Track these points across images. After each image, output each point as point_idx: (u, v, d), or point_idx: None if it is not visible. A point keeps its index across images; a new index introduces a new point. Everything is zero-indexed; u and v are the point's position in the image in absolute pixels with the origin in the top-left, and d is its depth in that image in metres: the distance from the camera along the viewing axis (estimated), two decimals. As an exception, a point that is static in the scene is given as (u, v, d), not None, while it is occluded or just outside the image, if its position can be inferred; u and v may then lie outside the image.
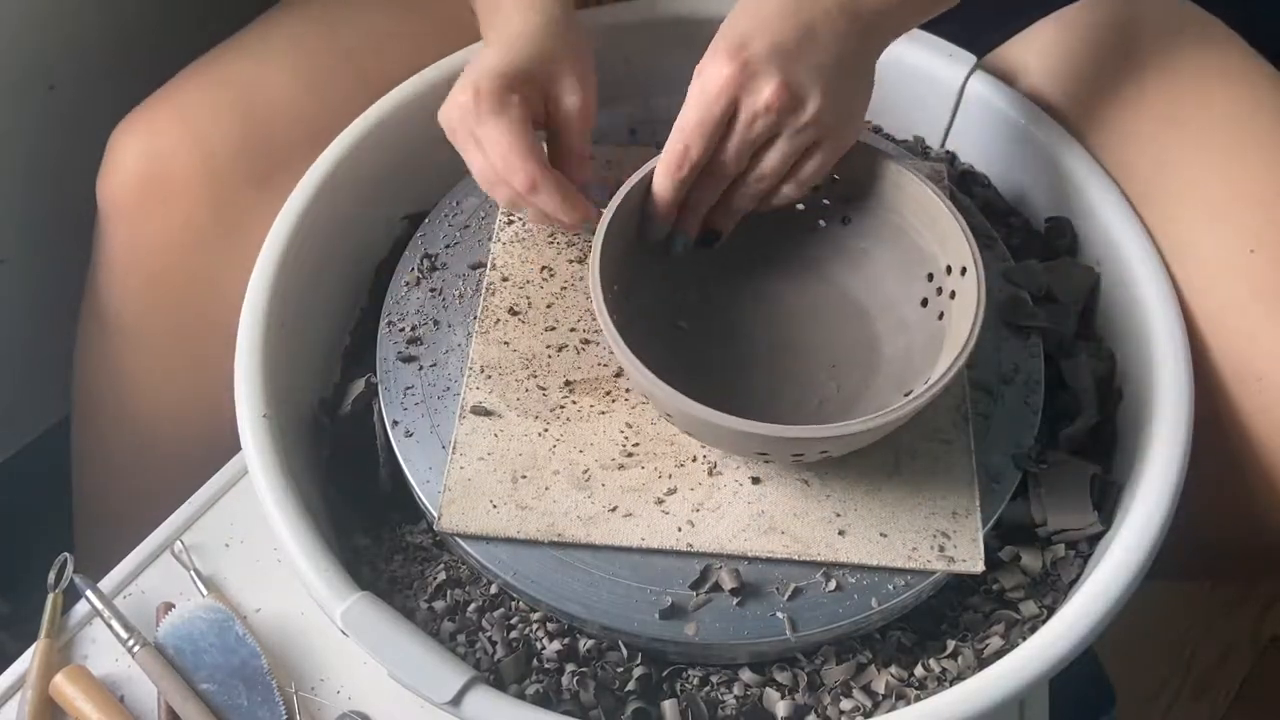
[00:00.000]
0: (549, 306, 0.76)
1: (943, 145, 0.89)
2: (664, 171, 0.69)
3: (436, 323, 0.77)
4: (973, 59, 0.85)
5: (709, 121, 0.67)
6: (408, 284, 0.79)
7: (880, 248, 0.75)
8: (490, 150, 0.70)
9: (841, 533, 0.68)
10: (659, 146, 0.70)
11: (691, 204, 0.71)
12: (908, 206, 0.73)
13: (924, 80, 0.86)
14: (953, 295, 0.70)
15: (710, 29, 0.69)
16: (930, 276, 0.72)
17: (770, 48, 0.67)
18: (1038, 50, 0.87)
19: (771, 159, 0.69)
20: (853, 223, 0.75)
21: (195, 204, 0.82)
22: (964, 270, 0.69)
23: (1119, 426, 0.77)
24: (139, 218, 0.83)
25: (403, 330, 0.76)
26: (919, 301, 0.73)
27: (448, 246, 0.80)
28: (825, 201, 0.75)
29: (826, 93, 0.68)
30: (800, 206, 0.75)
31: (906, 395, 0.66)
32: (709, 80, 0.67)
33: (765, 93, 0.66)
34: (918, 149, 0.89)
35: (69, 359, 0.95)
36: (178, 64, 0.87)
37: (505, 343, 0.75)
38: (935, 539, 0.68)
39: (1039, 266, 0.80)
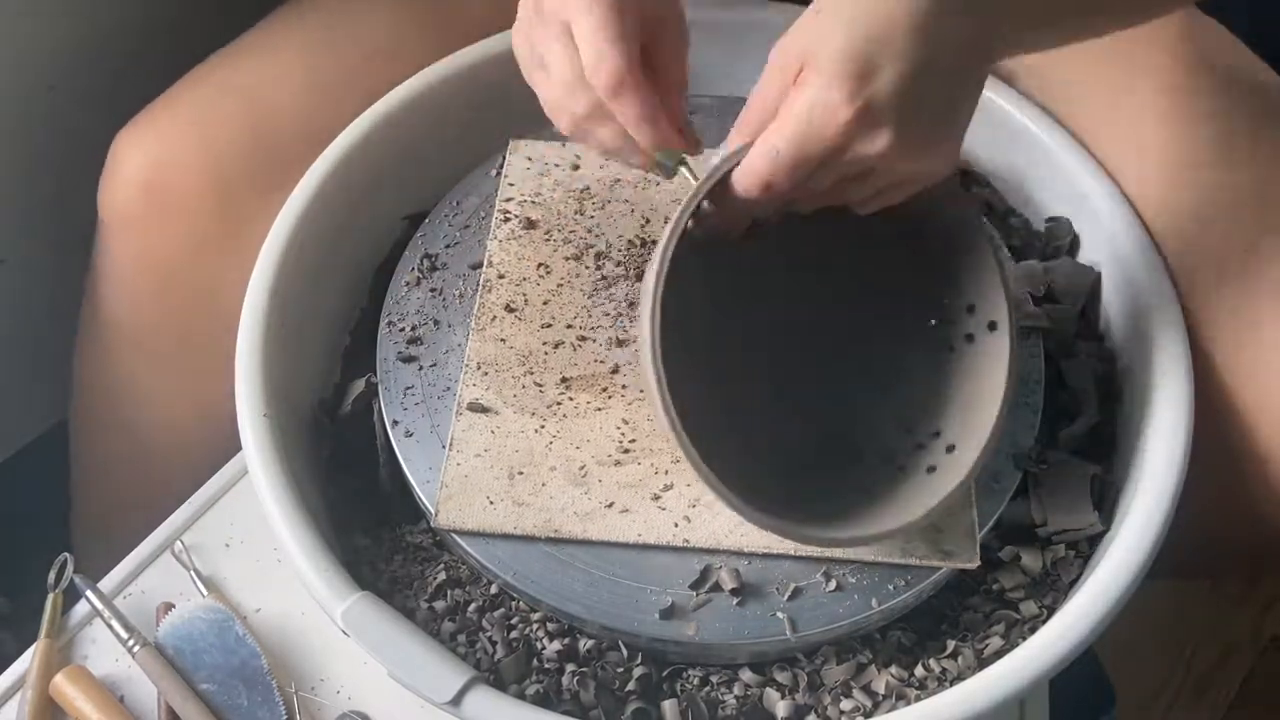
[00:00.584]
0: (545, 303, 0.76)
1: (943, 145, 0.89)
2: (742, 189, 0.61)
3: (436, 323, 0.77)
4: (973, 59, 0.85)
5: (804, 164, 0.58)
6: (408, 284, 0.79)
7: (905, 282, 0.71)
8: (578, 32, 0.61)
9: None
10: None
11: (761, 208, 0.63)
12: (958, 244, 0.68)
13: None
14: (970, 339, 0.68)
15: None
16: (952, 321, 0.69)
17: (897, 89, 0.56)
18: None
19: (859, 194, 0.62)
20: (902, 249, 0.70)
21: (201, 211, 0.82)
22: (993, 325, 0.67)
23: (1119, 426, 0.77)
24: (143, 226, 0.83)
25: (403, 330, 0.76)
26: (946, 347, 0.69)
27: (448, 246, 0.80)
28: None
29: (939, 138, 0.60)
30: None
31: (949, 449, 0.66)
32: (822, 119, 0.57)
33: (879, 145, 0.57)
34: (918, 149, 0.89)
35: (69, 360, 0.95)
36: (180, 65, 0.86)
37: (502, 340, 0.75)
38: (931, 534, 0.68)
39: (1039, 266, 0.80)
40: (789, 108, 0.58)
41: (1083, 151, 0.81)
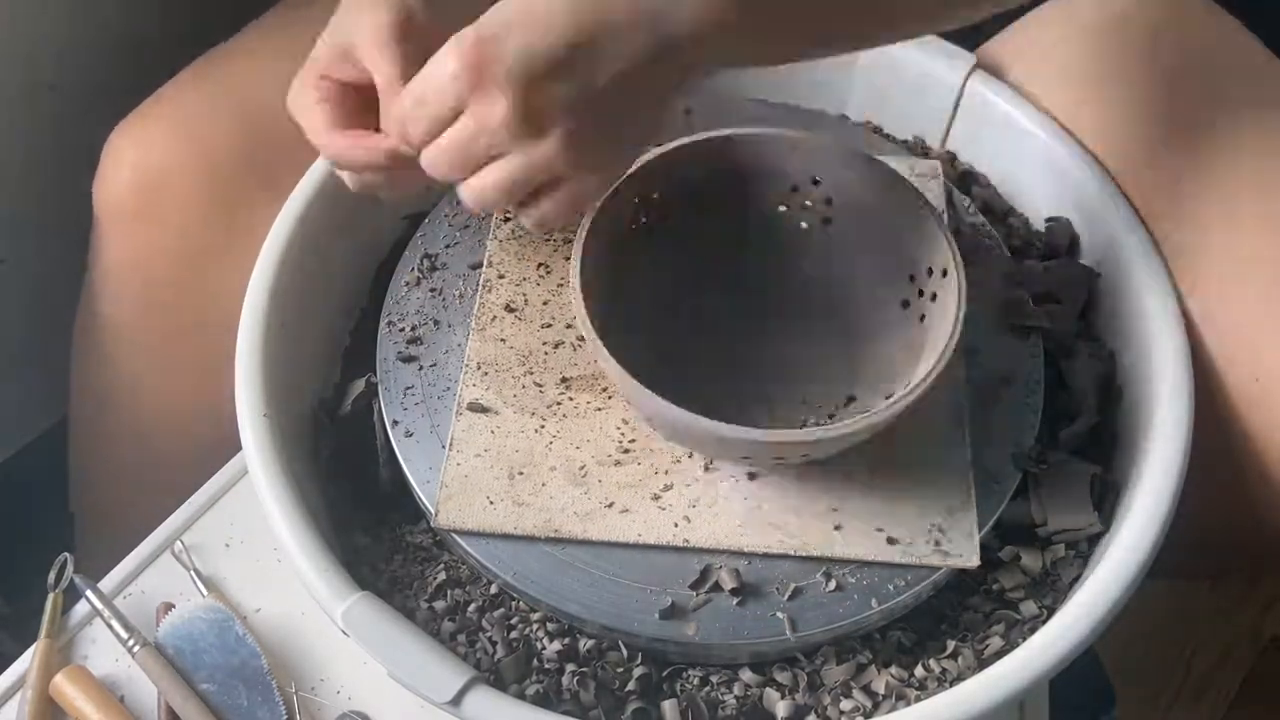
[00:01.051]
0: (545, 303, 0.76)
1: (943, 145, 0.89)
2: (394, 138, 0.61)
3: (436, 323, 0.77)
4: (973, 59, 0.85)
5: (425, 116, 0.58)
6: (408, 284, 0.79)
7: (863, 249, 0.74)
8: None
9: (838, 528, 0.68)
10: None
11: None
12: (891, 207, 0.72)
13: (924, 80, 0.86)
14: (934, 297, 0.70)
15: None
16: (911, 278, 0.72)
17: (524, 55, 0.55)
18: (1034, 46, 0.86)
19: (492, 176, 0.59)
20: (835, 224, 0.74)
21: (194, 209, 0.82)
22: (944, 272, 0.69)
23: (1119, 426, 0.77)
24: (137, 224, 0.83)
25: (403, 330, 0.76)
26: (900, 303, 0.72)
27: (448, 246, 0.80)
28: (807, 204, 0.75)
29: (581, 129, 0.57)
30: (782, 208, 0.75)
31: (888, 399, 0.66)
32: (433, 69, 0.57)
33: (496, 111, 0.56)
34: (918, 149, 0.89)
35: (68, 359, 0.95)
36: (177, 64, 0.86)
37: (502, 340, 0.75)
38: (931, 534, 0.68)
39: (1039, 266, 0.80)
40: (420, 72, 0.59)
41: (1083, 151, 0.81)
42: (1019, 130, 0.83)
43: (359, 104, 0.66)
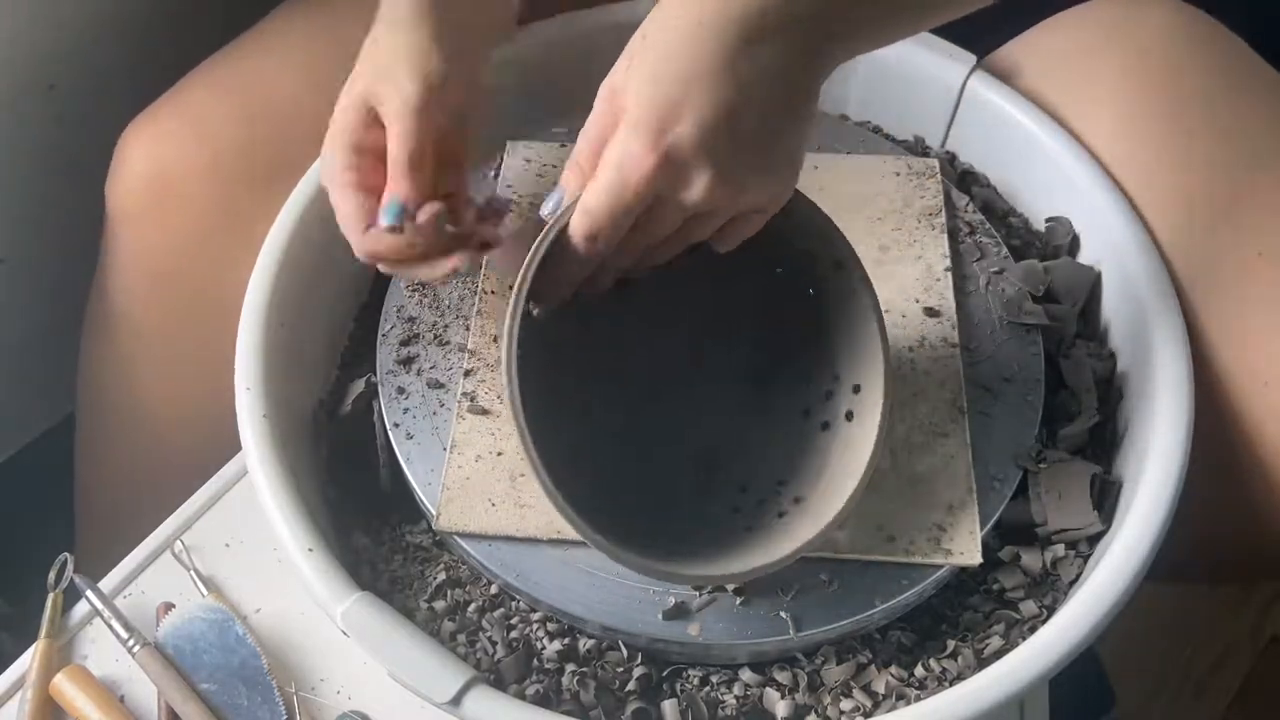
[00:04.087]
0: (548, 306, 0.76)
1: (943, 145, 0.89)
2: (574, 247, 0.60)
3: (436, 324, 0.77)
4: (973, 59, 0.85)
5: (621, 213, 0.58)
6: (407, 284, 0.79)
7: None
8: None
9: (839, 527, 0.68)
10: None
11: (603, 267, 0.63)
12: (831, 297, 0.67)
13: (924, 80, 0.86)
14: (849, 416, 0.66)
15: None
16: (829, 395, 0.68)
17: (700, 132, 0.56)
18: (1039, 52, 0.87)
19: (703, 232, 0.61)
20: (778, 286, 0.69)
21: (204, 208, 0.82)
22: (857, 388, 0.66)
23: (1119, 426, 0.77)
24: (148, 222, 0.83)
25: (402, 331, 0.76)
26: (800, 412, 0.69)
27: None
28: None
29: (765, 169, 0.59)
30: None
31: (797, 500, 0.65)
32: (628, 169, 0.57)
33: (696, 189, 0.57)
34: (918, 149, 0.89)
35: (69, 359, 0.95)
36: (179, 64, 0.86)
37: (504, 342, 0.75)
38: (932, 532, 0.68)
39: (1039, 266, 0.80)
40: (603, 160, 0.58)
41: (1083, 151, 0.81)
42: (1019, 130, 0.83)
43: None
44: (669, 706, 0.66)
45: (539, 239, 0.60)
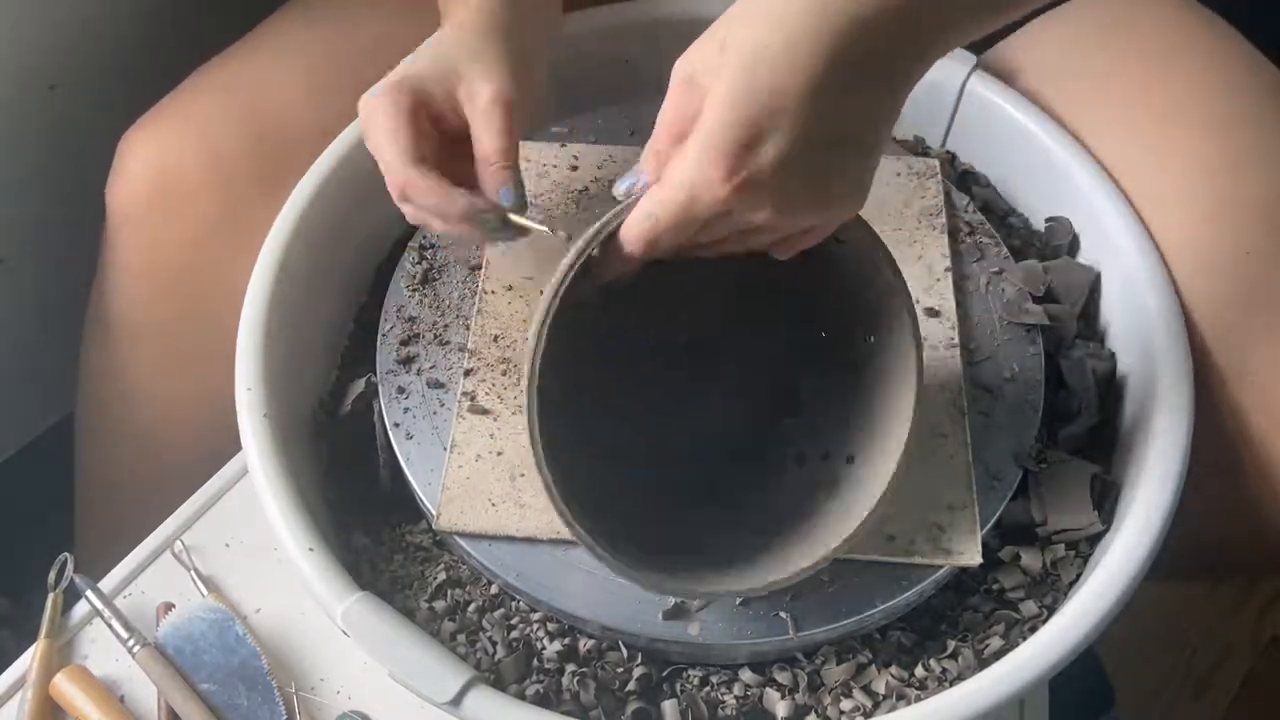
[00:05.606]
0: (547, 306, 0.76)
1: (943, 145, 0.89)
2: (627, 247, 0.59)
3: (436, 324, 0.77)
4: (973, 59, 0.85)
5: (684, 228, 0.57)
6: (407, 285, 0.79)
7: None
8: (371, 145, 0.69)
9: (850, 545, 0.68)
10: None
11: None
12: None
13: (924, 80, 0.86)
14: (850, 459, 0.67)
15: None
16: (826, 455, 0.68)
17: (780, 163, 0.54)
18: (1036, 48, 0.87)
19: (760, 245, 0.61)
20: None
21: (205, 210, 0.82)
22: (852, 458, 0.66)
23: (1119, 426, 0.77)
24: (149, 224, 0.84)
25: (402, 331, 0.76)
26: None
27: (447, 247, 0.80)
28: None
29: (829, 201, 0.58)
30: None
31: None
32: (700, 190, 0.55)
33: (763, 214, 0.56)
34: (918, 149, 0.89)
35: (69, 359, 0.95)
36: (180, 65, 0.87)
37: (502, 341, 0.75)
38: (932, 532, 0.68)
39: (1039, 266, 0.80)
40: (672, 172, 0.56)
41: (1083, 151, 0.81)
42: (1019, 130, 0.83)
43: (440, 143, 0.70)
44: (669, 707, 0.66)
45: (592, 234, 0.59)
